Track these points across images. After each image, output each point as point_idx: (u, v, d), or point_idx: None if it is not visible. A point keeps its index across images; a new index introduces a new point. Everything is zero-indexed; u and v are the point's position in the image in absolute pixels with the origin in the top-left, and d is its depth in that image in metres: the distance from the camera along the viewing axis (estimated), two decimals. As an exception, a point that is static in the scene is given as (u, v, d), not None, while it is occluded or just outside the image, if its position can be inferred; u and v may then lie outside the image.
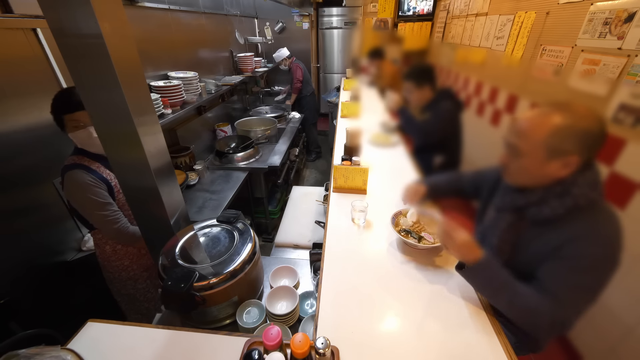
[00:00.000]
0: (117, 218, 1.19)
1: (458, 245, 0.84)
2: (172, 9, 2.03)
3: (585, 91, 1.38)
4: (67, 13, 0.82)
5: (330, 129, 4.28)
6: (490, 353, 0.75)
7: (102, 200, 1.15)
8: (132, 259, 1.33)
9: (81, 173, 1.12)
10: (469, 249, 0.83)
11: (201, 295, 0.91)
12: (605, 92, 1.29)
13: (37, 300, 1.28)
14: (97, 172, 1.16)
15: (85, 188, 1.12)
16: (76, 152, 1.17)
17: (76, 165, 1.13)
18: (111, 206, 1.18)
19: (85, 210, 1.16)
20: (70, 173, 1.11)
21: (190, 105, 2.00)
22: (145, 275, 1.38)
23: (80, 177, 1.11)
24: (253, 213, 2.56)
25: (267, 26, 3.87)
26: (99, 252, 1.29)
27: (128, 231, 1.22)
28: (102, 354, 0.83)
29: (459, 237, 0.83)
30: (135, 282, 1.35)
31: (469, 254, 0.83)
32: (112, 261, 1.29)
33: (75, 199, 1.15)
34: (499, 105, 1.62)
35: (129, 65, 0.93)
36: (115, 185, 1.21)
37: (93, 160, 1.17)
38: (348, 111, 2.48)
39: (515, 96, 1.65)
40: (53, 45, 1.22)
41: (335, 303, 0.90)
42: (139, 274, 1.36)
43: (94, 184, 1.13)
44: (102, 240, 1.26)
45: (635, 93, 1.17)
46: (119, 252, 1.29)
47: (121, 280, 1.33)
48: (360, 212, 1.22)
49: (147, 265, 1.38)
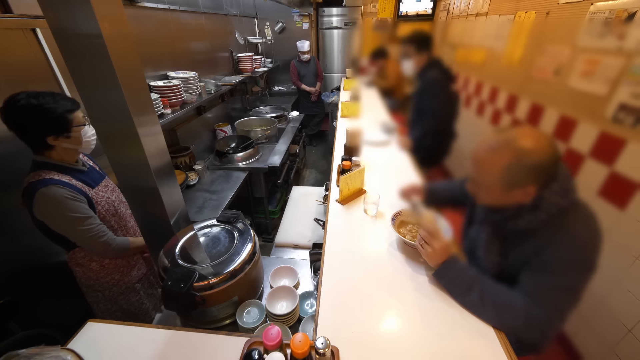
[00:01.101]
0: (102, 231, 1.11)
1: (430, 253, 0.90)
2: (172, 9, 2.03)
3: (585, 91, 1.38)
4: (67, 13, 0.82)
5: (330, 130, 4.29)
6: (490, 353, 0.75)
7: (85, 215, 1.06)
8: (123, 271, 1.25)
9: (56, 188, 1.01)
10: (439, 255, 0.89)
11: (201, 295, 0.91)
12: (605, 92, 1.29)
13: (37, 300, 1.28)
14: (72, 185, 1.06)
15: (64, 204, 1.02)
16: (37, 167, 1.04)
17: (47, 180, 1.01)
18: (94, 219, 1.10)
19: (67, 228, 1.06)
20: (42, 191, 0.99)
21: (190, 105, 2.00)
22: (138, 287, 1.31)
23: (57, 193, 1.00)
24: (253, 213, 2.56)
25: (267, 26, 3.87)
26: (82, 272, 1.18)
27: (116, 243, 1.15)
28: (102, 354, 0.83)
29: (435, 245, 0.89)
30: (127, 295, 1.28)
31: (438, 258, 0.90)
32: (100, 278, 1.20)
33: (54, 218, 1.04)
34: (499, 105, 1.62)
35: (129, 65, 0.93)
36: (93, 197, 1.12)
37: (62, 173, 1.07)
38: (348, 111, 2.48)
39: (515, 96, 1.64)
40: (53, 45, 1.22)
41: (335, 303, 0.90)
42: (131, 286, 1.28)
43: (73, 197, 1.04)
44: (85, 258, 1.16)
45: (635, 93, 1.17)
46: (108, 266, 1.20)
47: (112, 297, 1.24)
48: (373, 205, 1.26)
49: (139, 276, 1.31)
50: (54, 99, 1.00)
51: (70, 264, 1.18)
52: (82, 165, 1.17)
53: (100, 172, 1.25)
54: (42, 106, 0.97)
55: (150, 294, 1.38)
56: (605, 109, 1.29)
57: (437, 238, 0.90)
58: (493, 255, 0.90)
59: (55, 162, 1.07)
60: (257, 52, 3.88)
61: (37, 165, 1.05)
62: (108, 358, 0.82)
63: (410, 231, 1.14)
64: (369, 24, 4.66)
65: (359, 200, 1.38)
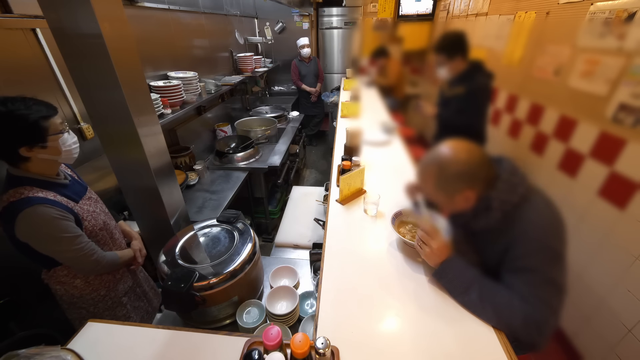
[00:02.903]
0: (92, 250, 1.03)
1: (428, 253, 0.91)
2: (172, 9, 2.03)
3: (585, 91, 1.38)
4: (67, 13, 0.82)
5: (330, 129, 4.29)
6: (489, 353, 0.75)
7: (75, 234, 0.98)
8: (109, 286, 1.16)
9: (44, 208, 0.90)
10: (437, 255, 0.90)
11: (201, 295, 0.91)
12: (605, 92, 1.29)
13: (37, 300, 1.28)
14: (58, 203, 0.95)
15: (54, 225, 0.92)
16: (15, 183, 0.92)
17: (32, 199, 0.90)
18: (83, 237, 1.01)
19: (55, 249, 0.97)
20: (28, 212, 0.88)
21: (190, 105, 2.00)
22: (125, 301, 1.22)
23: (45, 214, 0.90)
24: (253, 213, 2.56)
25: (267, 26, 3.88)
26: (64, 290, 1.08)
27: (106, 260, 1.07)
28: (102, 354, 0.83)
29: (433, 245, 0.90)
30: (114, 310, 1.19)
31: (436, 258, 0.90)
32: (85, 295, 1.11)
33: (41, 240, 0.94)
34: (499, 105, 1.62)
35: (129, 65, 0.93)
36: (79, 212, 1.03)
37: (44, 189, 0.95)
38: (348, 111, 2.48)
39: (515, 96, 1.65)
40: (53, 45, 1.22)
41: (335, 303, 0.90)
42: (117, 300, 1.20)
43: (62, 216, 0.94)
44: (68, 276, 1.07)
45: (635, 93, 1.17)
46: (93, 282, 1.11)
47: (97, 312, 1.15)
48: (373, 205, 1.26)
49: (126, 289, 1.23)
50: (26, 105, 0.87)
51: (50, 282, 1.08)
52: (64, 178, 1.06)
53: (81, 183, 1.15)
54: (12, 113, 0.85)
55: (137, 306, 1.30)
56: (605, 109, 1.29)
57: (435, 238, 0.90)
58: (470, 255, 0.93)
59: (34, 176, 0.95)
60: (257, 52, 3.88)
61: (13, 180, 0.92)
62: (108, 358, 0.82)
63: (410, 231, 1.14)
64: (369, 24, 4.67)
65: (359, 200, 1.38)
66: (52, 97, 1.28)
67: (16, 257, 1.09)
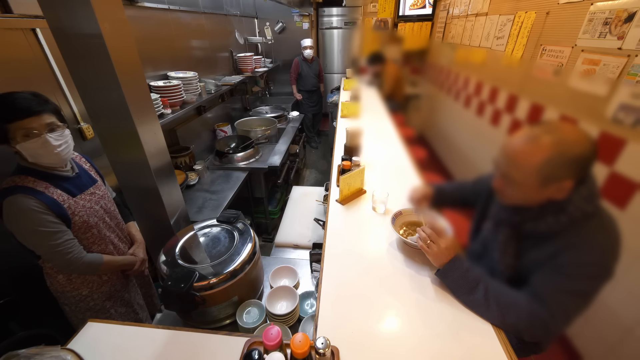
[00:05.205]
0: (68, 248, 1.00)
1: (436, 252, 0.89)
2: (172, 9, 2.03)
3: (585, 91, 1.38)
4: (67, 13, 0.82)
5: (330, 130, 4.29)
6: (491, 354, 0.75)
7: (50, 230, 0.97)
8: (92, 287, 1.14)
9: (23, 198, 0.92)
10: (444, 254, 0.88)
11: (201, 295, 0.91)
12: (605, 92, 1.29)
13: (37, 300, 1.28)
14: (44, 195, 0.96)
15: (29, 216, 0.93)
16: (18, 171, 0.97)
17: (17, 188, 0.93)
18: (62, 235, 0.99)
19: (30, 241, 0.99)
20: (10, 200, 0.91)
21: (190, 105, 2.00)
22: (108, 305, 1.19)
23: (23, 204, 0.92)
24: (253, 213, 2.56)
25: (267, 26, 3.88)
26: (50, 282, 1.10)
27: (83, 261, 1.04)
28: (102, 354, 0.83)
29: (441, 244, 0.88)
30: (96, 313, 1.16)
31: (443, 258, 0.88)
32: (66, 292, 1.11)
33: (18, 230, 0.96)
34: (499, 106, 1.62)
35: (129, 65, 0.93)
36: (69, 207, 1.02)
37: (40, 179, 0.98)
38: (348, 111, 2.48)
39: (516, 96, 1.65)
40: (53, 45, 1.22)
41: (335, 303, 0.90)
42: (100, 304, 1.16)
43: (40, 209, 0.94)
44: (52, 269, 1.08)
45: (635, 93, 1.17)
46: (75, 281, 1.11)
47: (79, 311, 1.15)
48: (381, 203, 1.27)
49: (110, 293, 1.20)
50: None
51: (44, 271, 1.10)
52: (72, 170, 1.08)
53: (92, 177, 1.15)
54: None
55: (123, 312, 1.25)
56: (605, 109, 1.29)
57: (443, 237, 0.89)
58: (508, 257, 0.88)
59: (34, 166, 0.98)
60: (257, 52, 3.88)
61: (16, 169, 0.98)
62: (108, 358, 0.82)
63: (407, 230, 1.14)
64: (369, 24, 4.67)
65: (359, 200, 1.38)
66: (52, 97, 1.28)
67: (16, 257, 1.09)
